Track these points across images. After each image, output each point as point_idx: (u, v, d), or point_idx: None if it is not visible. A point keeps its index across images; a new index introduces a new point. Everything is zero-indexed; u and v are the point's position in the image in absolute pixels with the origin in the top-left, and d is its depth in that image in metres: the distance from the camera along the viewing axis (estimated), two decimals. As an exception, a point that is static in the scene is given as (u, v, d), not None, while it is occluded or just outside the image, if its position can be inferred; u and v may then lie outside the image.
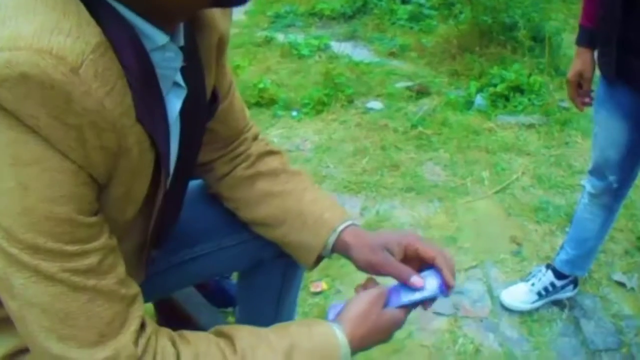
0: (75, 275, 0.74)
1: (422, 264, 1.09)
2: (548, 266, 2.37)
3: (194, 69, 0.96)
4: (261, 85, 4.09)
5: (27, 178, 0.69)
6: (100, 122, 0.70)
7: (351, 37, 5.32)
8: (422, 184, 3.06)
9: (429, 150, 3.36)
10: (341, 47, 4.99)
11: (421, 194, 2.97)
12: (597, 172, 2.09)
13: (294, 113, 3.88)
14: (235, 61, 4.73)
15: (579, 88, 2.00)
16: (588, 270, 2.44)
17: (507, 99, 3.81)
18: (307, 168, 3.20)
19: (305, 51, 4.95)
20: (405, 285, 1.06)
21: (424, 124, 3.59)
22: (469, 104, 3.84)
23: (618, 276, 2.52)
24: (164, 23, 0.80)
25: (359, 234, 1.16)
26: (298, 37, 5.37)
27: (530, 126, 3.58)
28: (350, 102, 3.93)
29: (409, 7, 5.59)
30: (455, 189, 3.02)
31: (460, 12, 5.07)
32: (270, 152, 1.28)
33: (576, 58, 1.97)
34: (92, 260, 0.76)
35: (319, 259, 1.19)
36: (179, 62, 0.87)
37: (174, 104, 0.90)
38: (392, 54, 4.81)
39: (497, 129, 3.55)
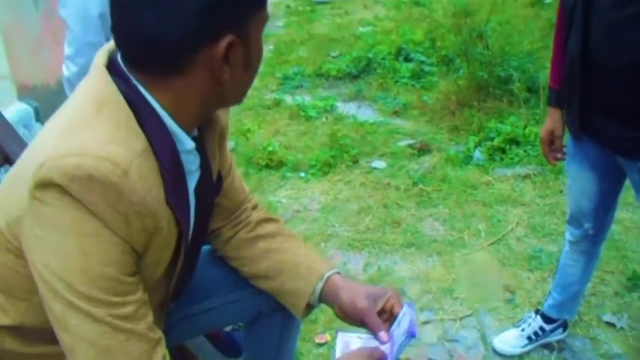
0: (117, 319, 1.06)
1: (393, 317, 1.39)
2: (537, 311, 2.64)
3: (202, 158, 1.28)
4: (270, 148, 4.43)
5: (87, 246, 1.02)
6: (142, 210, 1.04)
7: (356, 96, 5.66)
8: (421, 239, 3.35)
9: (429, 206, 3.65)
10: (346, 108, 5.34)
11: (421, 249, 3.26)
12: (573, 221, 2.38)
13: (302, 174, 4.20)
14: (246, 124, 5.08)
15: (552, 145, 2.30)
16: (577, 313, 2.70)
17: (504, 151, 4.11)
18: (313, 227, 3.51)
19: (312, 113, 5.30)
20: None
21: (425, 181, 3.90)
22: (467, 159, 4.14)
23: (608, 317, 2.76)
24: (188, 126, 1.14)
25: (348, 280, 1.48)
26: (306, 98, 5.73)
27: (526, 177, 3.87)
28: (355, 162, 4.25)
29: (410, 65, 5.94)
30: (453, 243, 3.30)
31: (459, 68, 5.40)
32: (269, 219, 1.60)
33: (547, 118, 2.28)
34: (129, 309, 1.08)
35: (309, 307, 1.49)
36: (197, 162, 1.22)
37: (190, 183, 1.23)
38: (395, 113, 5.15)
39: (494, 181, 3.84)
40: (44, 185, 0.98)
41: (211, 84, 1.08)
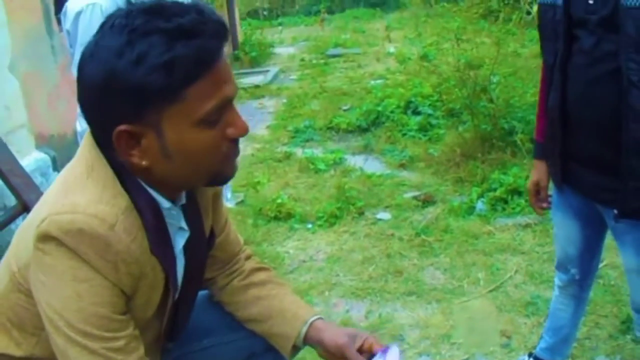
0: (110, 351, 1.27)
1: (371, 355, 1.58)
2: (530, 354, 2.79)
3: (194, 216, 1.49)
4: (279, 200, 4.65)
5: (81, 290, 1.24)
6: (127, 258, 1.26)
7: (365, 149, 5.91)
8: (422, 287, 3.52)
9: (430, 256, 3.83)
10: (355, 160, 5.58)
11: (421, 297, 3.43)
12: (561, 266, 2.56)
13: (309, 226, 4.41)
14: (256, 177, 5.33)
15: (538, 195, 2.49)
16: (569, 356, 2.84)
17: (506, 201, 4.30)
18: (318, 277, 3.70)
19: (321, 166, 5.53)
20: None
21: (428, 231, 4.09)
22: (470, 209, 4.33)
23: (601, 359, 2.91)
24: (169, 194, 1.36)
25: (329, 324, 1.69)
26: (315, 151, 5.98)
27: (527, 226, 4.04)
28: (361, 213, 4.45)
29: (418, 118, 6.19)
30: (453, 291, 3.47)
31: (465, 121, 5.63)
32: (260, 268, 1.81)
33: (533, 169, 2.48)
34: (121, 342, 1.29)
35: (295, 348, 1.68)
36: (180, 218, 1.43)
37: (179, 242, 1.45)
38: (402, 165, 5.37)
39: (496, 231, 4.02)
40: (44, 238, 1.21)
41: (135, 165, 1.27)
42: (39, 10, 5.32)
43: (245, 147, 6.11)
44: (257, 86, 9.39)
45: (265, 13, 18.44)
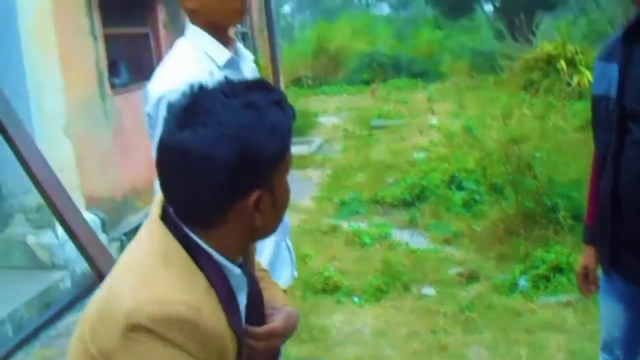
0: None
1: None
2: None
3: (249, 275, 1.59)
4: (326, 274, 4.89)
5: None
6: (214, 337, 1.39)
7: (410, 224, 6.14)
8: (466, 363, 3.69)
9: (474, 332, 4.01)
10: (400, 235, 5.81)
11: (465, 373, 3.61)
12: (606, 348, 2.70)
13: (356, 299, 4.63)
14: (304, 250, 5.56)
15: (586, 278, 2.66)
16: None
17: (548, 279, 4.47)
18: (365, 350, 3.90)
19: (367, 239, 5.77)
20: None
21: (472, 307, 4.27)
22: (513, 287, 4.50)
23: None
24: (233, 255, 1.46)
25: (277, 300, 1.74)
26: (361, 224, 6.23)
27: (568, 304, 4.20)
28: (407, 288, 4.66)
29: (462, 194, 6.42)
30: (496, 368, 3.64)
31: (508, 197, 5.83)
32: (259, 270, 1.88)
33: (583, 254, 2.64)
34: None
35: None
36: (244, 282, 1.49)
37: (241, 300, 1.53)
38: (446, 241, 5.59)
39: (538, 309, 4.18)
40: (135, 328, 1.31)
41: (246, 229, 1.40)
42: (93, 76, 5.75)
43: (292, 218, 6.37)
44: (302, 156, 9.70)
45: (309, 82, 18.96)
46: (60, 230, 5.05)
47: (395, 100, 14.65)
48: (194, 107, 1.30)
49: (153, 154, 2.41)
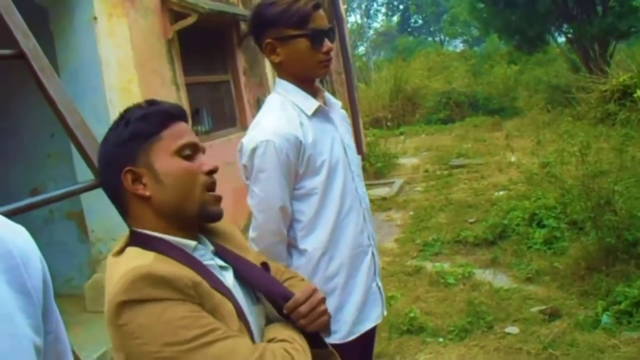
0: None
1: None
2: None
3: (231, 255, 1.77)
4: (411, 315, 5.08)
5: (171, 316, 1.44)
6: (179, 278, 1.46)
7: (492, 263, 6.28)
8: (551, 400, 3.82)
9: (558, 370, 4.13)
10: (483, 274, 5.95)
11: (550, 409, 3.73)
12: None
13: (440, 339, 4.80)
14: (389, 291, 5.76)
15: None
16: None
17: (631, 314, 4.54)
18: (452, 390, 4.06)
19: (450, 279, 5.94)
20: None
21: (554, 345, 4.38)
22: (596, 323, 4.59)
23: None
24: (186, 234, 1.65)
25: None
26: (444, 265, 6.40)
27: (652, 340, 4.27)
28: (490, 327, 4.81)
29: (543, 231, 6.51)
30: (581, 404, 3.75)
31: (589, 233, 5.89)
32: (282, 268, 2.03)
33: None
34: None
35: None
36: (209, 255, 1.68)
37: (228, 277, 1.67)
38: (528, 279, 5.71)
39: (621, 345, 4.26)
40: (117, 311, 1.43)
41: (143, 200, 1.61)
42: None
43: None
44: (384, 198, 9.93)
45: (388, 124, 19.22)
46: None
47: (474, 138, 14.75)
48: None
49: (249, 201, 2.63)
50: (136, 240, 1.62)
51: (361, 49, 42.35)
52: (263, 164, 2.35)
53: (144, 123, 1.63)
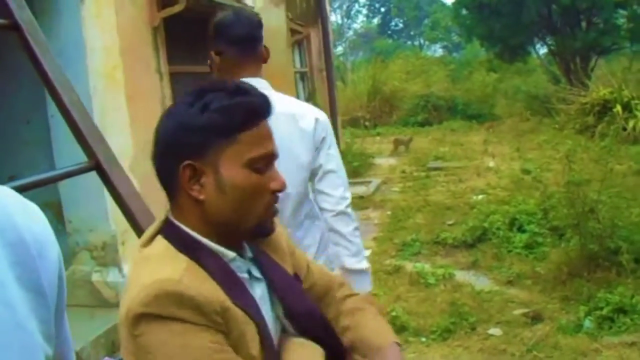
0: None
1: None
2: None
3: (270, 266, 1.63)
4: (393, 314, 5.07)
5: (187, 342, 1.32)
6: (206, 302, 1.33)
7: (472, 265, 6.30)
8: (535, 401, 3.84)
9: (541, 372, 4.16)
10: (464, 276, 5.97)
11: (534, 411, 3.75)
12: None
13: (423, 339, 4.80)
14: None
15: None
16: None
17: (612, 320, 4.59)
18: (435, 389, 4.07)
19: (431, 280, 5.95)
20: None
21: (538, 348, 4.42)
22: (578, 327, 4.64)
23: None
24: (231, 245, 1.55)
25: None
26: (425, 265, 6.40)
27: (633, 344, 4.32)
28: (473, 329, 4.83)
29: (524, 236, 6.56)
30: (564, 407, 3.78)
31: (570, 240, 5.95)
32: (351, 294, 1.83)
33: None
34: None
35: None
36: (246, 268, 1.52)
37: (256, 291, 1.51)
38: (509, 282, 5.75)
39: (603, 349, 4.30)
40: (135, 322, 1.32)
41: (195, 203, 1.43)
42: (159, 113, 6.03)
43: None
44: (361, 197, 9.92)
45: (366, 123, 19.27)
46: (125, 268, 5.26)
47: (451, 142, 14.83)
48: None
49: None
50: (170, 233, 1.49)
51: (339, 49, 42.42)
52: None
53: (224, 117, 1.42)
